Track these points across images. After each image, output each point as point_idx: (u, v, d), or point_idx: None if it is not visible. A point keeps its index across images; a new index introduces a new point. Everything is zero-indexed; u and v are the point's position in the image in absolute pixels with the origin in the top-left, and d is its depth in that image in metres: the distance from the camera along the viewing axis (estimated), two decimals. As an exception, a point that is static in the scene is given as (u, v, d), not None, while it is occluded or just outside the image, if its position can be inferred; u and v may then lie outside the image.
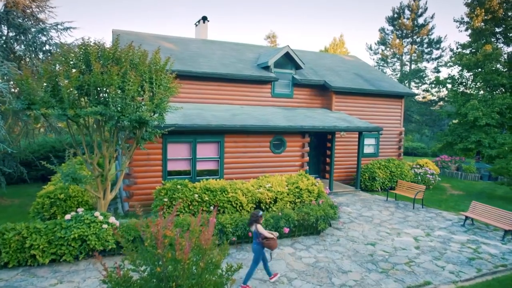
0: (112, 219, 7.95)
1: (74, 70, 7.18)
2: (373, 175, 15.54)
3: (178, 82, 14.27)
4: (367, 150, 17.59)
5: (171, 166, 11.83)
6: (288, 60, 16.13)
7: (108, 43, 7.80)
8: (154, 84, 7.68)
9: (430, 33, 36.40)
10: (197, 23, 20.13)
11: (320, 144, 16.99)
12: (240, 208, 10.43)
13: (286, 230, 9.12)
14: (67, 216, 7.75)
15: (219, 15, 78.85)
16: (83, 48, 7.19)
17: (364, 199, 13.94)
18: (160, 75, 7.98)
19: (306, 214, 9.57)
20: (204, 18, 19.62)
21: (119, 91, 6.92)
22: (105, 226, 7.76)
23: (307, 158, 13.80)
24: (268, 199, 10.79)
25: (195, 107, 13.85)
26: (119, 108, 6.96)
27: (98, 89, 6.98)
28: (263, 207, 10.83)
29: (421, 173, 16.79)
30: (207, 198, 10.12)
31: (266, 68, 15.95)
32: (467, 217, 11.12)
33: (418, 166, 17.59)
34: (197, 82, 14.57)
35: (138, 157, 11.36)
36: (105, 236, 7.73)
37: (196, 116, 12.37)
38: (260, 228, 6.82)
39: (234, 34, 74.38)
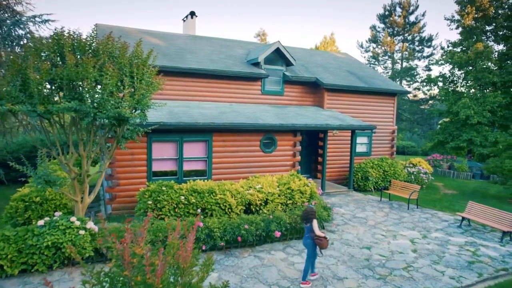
0: (90, 225, 7.34)
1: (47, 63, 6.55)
2: (366, 175, 15.16)
3: (164, 78, 13.69)
4: (360, 149, 17.22)
5: (156, 167, 11.24)
6: (279, 56, 15.63)
7: (86, 35, 7.18)
8: (135, 78, 7.10)
9: (422, 31, 36.37)
10: (185, 19, 19.50)
11: (311, 143, 16.55)
12: (229, 210, 9.90)
13: (278, 234, 8.63)
14: (40, 222, 7.12)
15: (208, 13, 78.09)
16: (56, 38, 6.58)
17: (358, 200, 13.54)
18: (142, 69, 7.40)
19: (299, 216, 9.08)
20: (192, 14, 19.00)
21: (95, 86, 6.33)
22: (82, 232, 7.15)
23: (298, 158, 13.34)
24: (259, 200, 10.29)
25: (182, 105, 13.26)
26: (95, 104, 6.36)
27: (73, 83, 6.37)
28: (253, 209, 10.32)
29: (415, 172, 16.49)
30: (194, 200, 9.56)
31: (256, 64, 15.44)
32: (463, 218, 10.78)
33: (411, 165, 17.28)
34: (184, 79, 13.99)
35: (121, 157, 10.75)
36: (82, 243, 7.12)
37: (182, 114, 11.79)
38: (315, 225, 6.84)
39: (224, 32, 73.77)
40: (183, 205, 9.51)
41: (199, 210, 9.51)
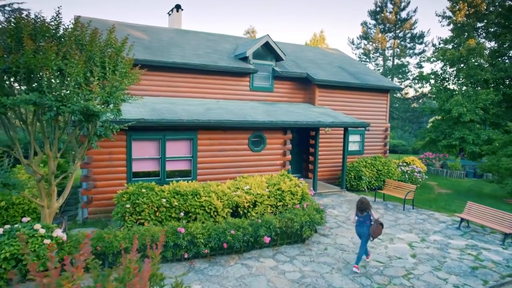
0: (57, 232, 6.56)
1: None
2: (359, 174, 14.59)
3: (142, 71, 12.89)
4: (352, 147, 16.65)
5: (137, 167, 10.46)
6: (268, 51, 14.96)
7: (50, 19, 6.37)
8: (108, 69, 6.32)
9: (413, 27, 36.06)
10: (170, 12, 18.68)
11: (302, 141, 15.92)
12: (215, 214, 9.19)
13: (267, 239, 7.95)
14: (-1, 230, 6.31)
15: (196, 12, 77.04)
16: (15, 22, 5.78)
17: (351, 200, 12.95)
18: (116, 58, 6.63)
19: (290, 220, 8.42)
20: (178, 7, 18.18)
21: (60, 76, 5.55)
22: (47, 241, 6.36)
23: (289, 157, 12.68)
24: (247, 203, 9.59)
25: (166, 101, 12.49)
26: (58, 97, 5.58)
27: (32, 72, 5.58)
28: (241, 212, 9.62)
29: (408, 171, 15.99)
30: (176, 203, 8.82)
31: (244, 59, 14.73)
32: (462, 219, 10.26)
33: (404, 164, 16.78)
34: (168, 74, 13.21)
35: (98, 156, 9.94)
36: (47, 254, 6.33)
37: (166, 111, 11.03)
38: (373, 213, 7.58)
39: (212, 29, 72.77)
40: (165, 208, 8.77)
41: (182, 214, 8.77)
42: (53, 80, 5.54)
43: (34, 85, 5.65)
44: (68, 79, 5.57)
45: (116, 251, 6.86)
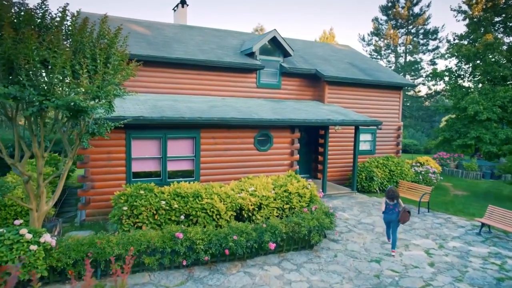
0: (45, 237, 6.08)
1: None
2: (370, 175, 13.92)
3: (150, 70, 12.47)
4: (363, 146, 15.97)
5: (136, 167, 9.98)
6: (276, 46, 14.37)
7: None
8: (99, 61, 5.82)
9: (426, 23, 34.80)
10: (175, 8, 18.19)
11: (311, 141, 15.31)
12: (217, 217, 8.67)
13: (272, 245, 7.38)
14: (-17, 235, 5.86)
15: (203, 9, 76.79)
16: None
17: (362, 203, 12.30)
18: (108, 50, 6.14)
19: (297, 225, 7.84)
20: (183, 2, 17.69)
21: (41, 67, 5.07)
22: (33, 247, 5.89)
23: (297, 156, 12.08)
24: (251, 205, 9.04)
25: (169, 98, 12.01)
26: (41, 91, 5.10)
27: (12, 63, 5.10)
28: (245, 215, 9.09)
29: (422, 172, 15.25)
30: (176, 206, 8.32)
31: (251, 55, 14.18)
32: (483, 224, 9.54)
33: (418, 164, 16.05)
34: (171, 70, 12.72)
35: (96, 156, 9.50)
36: (33, 261, 5.87)
37: (167, 108, 10.54)
38: (401, 202, 8.25)
39: (220, 27, 72.33)
40: (164, 211, 8.27)
41: (182, 217, 8.27)
42: (34, 72, 5.05)
43: (14, 78, 5.16)
44: (51, 70, 5.07)
45: (109, 257, 6.37)
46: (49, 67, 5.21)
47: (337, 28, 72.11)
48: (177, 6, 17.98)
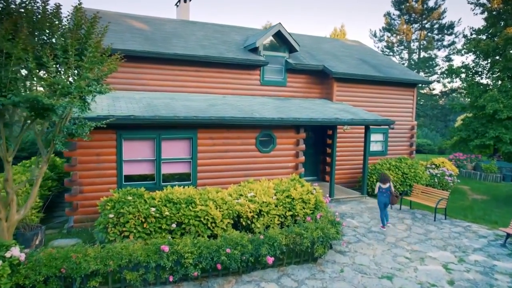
0: (13, 252, 5.43)
1: None
2: (382, 178, 12.98)
3: (146, 66, 11.81)
4: (374, 147, 15.07)
5: (128, 170, 9.32)
6: (281, 41, 13.58)
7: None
8: (70, 52, 5.14)
9: (442, 17, 33.08)
10: (178, 3, 17.56)
11: (318, 141, 14.49)
12: (213, 225, 7.93)
13: (270, 259, 6.61)
14: None
15: (210, 6, 76.29)
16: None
17: (373, 208, 11.42)
18: (83, 41, 5.45)
19: (298, 236, 7.05)
20: (186, -3, 17.04)
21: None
22: (-2, 262, 5.25)
23: (302, 158, 11.27)
24: (250, 212, 8.28)
25: (166, 96, 11.34)
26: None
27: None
28: (243, 223, 8.33)
29: (438, 175, 14.27)
30: (167, 213, 7.61)
31: (254, 50, 13.42)
32: (509, 235, 8.59)
33: (433, 166, 15.07)
34: (170, 67, 12.05)
35: (85, 158, 8.87)
36: (-3, 277, 5.22)
37: (163, 107, 9.85)
38: (392, 186, 9.61)
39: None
40: (154, 218, 7.57)
41: (174, 225, 7.56)
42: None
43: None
44: (8, 62, 4.40)
45: (86, 273, 5.70)
46: (9, 58, 4.54)
47: (349, 25, 70.73)
48: (179, 1, 17.35)
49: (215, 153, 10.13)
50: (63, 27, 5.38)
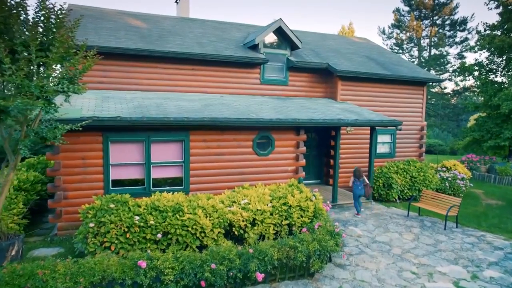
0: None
1: None
2: (389, 182, 12.27)
3: (139, 65, 11.29)
4: (381, 149, 14.32)
5: (116, 174, 8.80)
6: (282, 38, 12.94)
7: None
8: (31, 47, 4.60)
9: (454, 12, 31.62)
10: (177, 0, 17.03)
11: (322, 143, 13.83)
12: (202, 235, 7.36)
13: (260, 276, 5.99)
14: None
15: (217, 4, 75.84)
16: None
17: (378, 214, 10.72)
18: (49, 35, 4.91)
19: (292, 249, 6.41)
20: (185, -7, 16.51)
21: None
22: (-46, 280, 4.74)
23: (303, 162, 10.62)
24: (243, 221, 7.70)
25: (160, 96, 10.80)
26: None
27: None
28: (236, 232, 7.75)
29: (449, 178, 13.46)
30: (152, 222, 7.07)
31: (254, 48, 12.80)
32: (527, 247, 7.82)
33: (444, 169, 14.26)
34: (164, 65, 11.52)
35: (69, 162, 8.37)
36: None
37: (154, 107, 9.31)
38: (366, 178, 10.75)
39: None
40: (138, 228, 7.05)
41: (159, 235, 7.01)
42: None
43: None
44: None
45: (54, 292, 5.16)
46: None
47: (358, 23, 69.51)
48: (179, -3, 16.81)
49: (209, 157, 9.55)
50: (26, 19, 4.84)
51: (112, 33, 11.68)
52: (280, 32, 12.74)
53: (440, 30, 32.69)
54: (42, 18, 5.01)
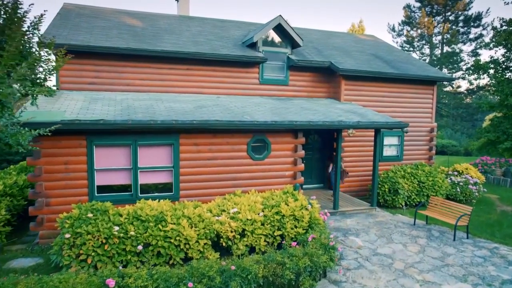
0: None
1: None
2: (395, 187, 11.56)
3: (131, 65, 10.85)
4: (388, 151, 13.61)
5: (101, 180, 8.36)
6: (282, 35, 12.36)
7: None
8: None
9: (468, 7, 30.10)
10: (178, -2, 16.58)
11: (326, 146, 13.24)
12: (187, 247, 6.87)
13: (242, 297, 5.44)
14: None
15: (223, 3, 75.46)
16: None
17: (382, 223, 10.04)
18: (7, 32, 4.46)
19: (280, 265, 5.84)
20: (185, -9, 16.04)
21: None
22: None
23: (301, 166, 10.01)
24: (231, 232, 7.17)
25: (152, 97, 10.36)
26: None
27: None
28: (224, 244, 7.23)
29: (461, 183, 12.66)
30: (133, 233, 6.61)
31: (252, 46, 12.25)
32: (545, 263, 7.06)
33: (455, 173, 13.44)
34: (158, 65, 11.08)
35: (52, 167, 7.97)
36: None
37: (143, 109, 8.85)
38: (342, 166, 11.66)
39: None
40: (118, 239, 6.59)
41: (140, 247, 6.54)
42: None
43: None
44: None
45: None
46: None
47: (369, 21, 68.23)
48: (179, -5, 16.36)
49: (200, 161, 9.03)
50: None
51: (105, 32, 11.29)
52: (280, 29, 12.16)
53: (453, 27, 31.30)
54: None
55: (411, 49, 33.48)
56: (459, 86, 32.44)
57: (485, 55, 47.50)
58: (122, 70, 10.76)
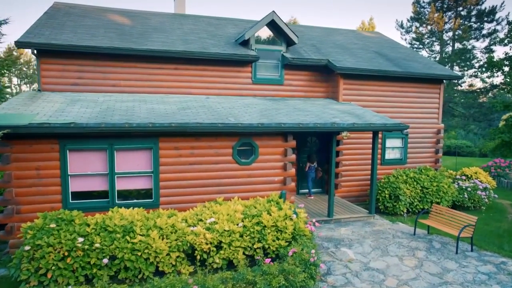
0: None
1: None
2: (395, 193, 10.83)
3: (115, 64, 10.41)
4: (391, 154, 12.85)
5: (76, 186, 7.92)
6: (276, 33, 11.76)
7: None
8: None
9: (481, 2, 28.78)
10: (174, -4, 16.13)
11: (325, 148, 12.56)
12: (157, 260, 6.35)
13: (204, 321, 4.88)
14: None
15: (230, 2, 74.97)
16: None
17: (380, 232, 9.34)
18: None
19: (250, 285, 5.26)
20: (181, -11, 15.58)
21: None
22: None
23: (292, 171, 9.38)
24: (206, 244, 6.61)
25: (135, 99, 9.90)
26: None
27: None
28: (199, 257, 6.68)
29: (469, 189, 11.83)
30: (98, 245, 6.12)
31: (245, 44, 11.69)
32: (556, 284, 6.28)
33: (463, 178, 12.60)
34: (144, 65, 10.64)
35: (22, 173, 7.56)
36: None
37: (122, 111, 8.39)
38: (316, 164, 11.89)
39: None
40: (81, 251, 6.11)
41: (105, 260, 6.06)
42: None
43: None
44: None
45: None
46: None
47: (380, 18, 66.87)
48: (175, -7, 15.91)
49: (181, 166, 8.51)
50: None
51: (90, 31, 10.89)
52: (274, 26, 11.56)
53: (465, 22, 29.82)
54: None
55: (421, 46, 32.20)
56: (471, 85, 31.05)
57: (499, 52, 45.55)
58: (107, 70, 10.35)
